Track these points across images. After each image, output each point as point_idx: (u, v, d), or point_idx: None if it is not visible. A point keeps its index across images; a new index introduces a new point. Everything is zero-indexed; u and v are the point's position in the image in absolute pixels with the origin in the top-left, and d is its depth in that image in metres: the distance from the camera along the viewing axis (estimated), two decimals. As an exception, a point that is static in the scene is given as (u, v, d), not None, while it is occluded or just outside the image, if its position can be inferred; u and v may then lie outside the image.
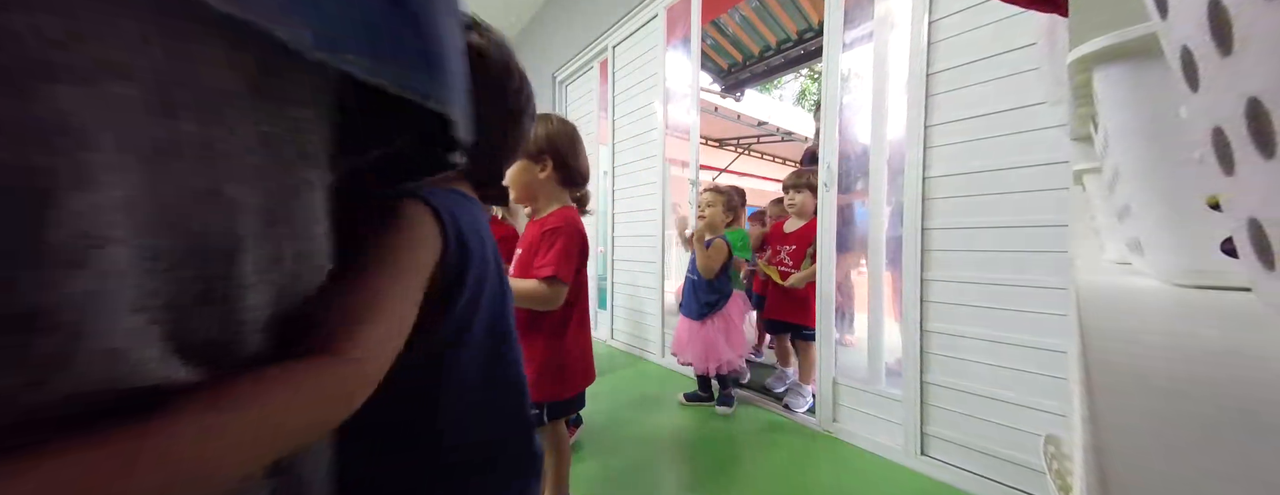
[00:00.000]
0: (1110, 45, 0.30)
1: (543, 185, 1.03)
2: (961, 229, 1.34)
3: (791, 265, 2.01)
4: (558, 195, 1.06)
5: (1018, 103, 1.22)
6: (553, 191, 1.05)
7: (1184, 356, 0.20)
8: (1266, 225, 0.17)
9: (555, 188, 1.04)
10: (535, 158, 1.00)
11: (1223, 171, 0.19)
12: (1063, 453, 0.54)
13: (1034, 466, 1.21)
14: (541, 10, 3.94)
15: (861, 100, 1.68)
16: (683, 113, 2.56)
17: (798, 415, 1.85)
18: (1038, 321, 1.19)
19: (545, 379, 1.01)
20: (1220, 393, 0.15)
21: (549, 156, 1.00)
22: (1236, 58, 0.15)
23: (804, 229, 1.96)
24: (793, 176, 2.04)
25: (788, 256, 2.02)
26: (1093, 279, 0.38)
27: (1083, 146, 0.57)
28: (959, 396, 1.35)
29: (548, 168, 1.01)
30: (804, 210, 1.97)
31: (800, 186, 1.98)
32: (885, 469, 1.47)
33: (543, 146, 1.00)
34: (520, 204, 1.09)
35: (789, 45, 3.55)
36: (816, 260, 1.81)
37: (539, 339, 1.02)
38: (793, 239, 2.02)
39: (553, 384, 1.03)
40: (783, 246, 2.05)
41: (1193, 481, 0.11)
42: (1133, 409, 0.15)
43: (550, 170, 1.01)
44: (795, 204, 2.01)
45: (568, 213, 1.03)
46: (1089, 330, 0.23)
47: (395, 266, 0.32)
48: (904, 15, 1.49)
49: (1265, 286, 0.19)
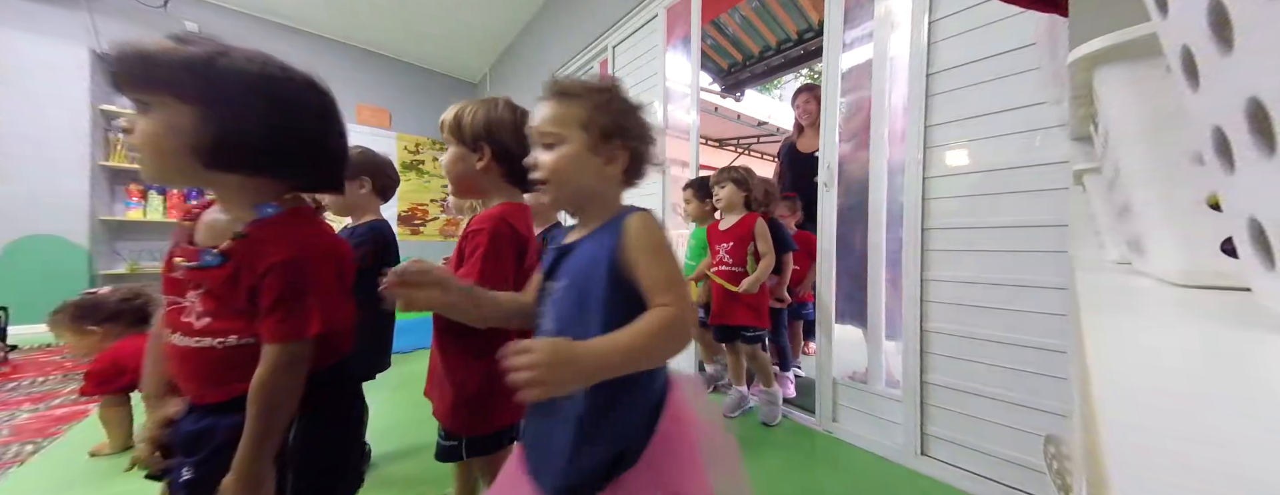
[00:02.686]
0: (1110, 45, 0.30)
1: (482, 177, 0.89)
2: (961, 229, 1.34)
3: (732, 263, 1.84)
4: (502, 189, 0.91)
5: (1018, 103, 1.22)
6: (497, 185, 0.90)
7: (1184, 357, 0.19)
8: (1266, 225, 0.17)
9: (499, 181, 0.90)
10: (471, 146, 0.87)
11: (1223, 171, 0.19)
12: (1063, 453, 0.54)
13: (1034, 466, 1.21)
14: (541, 10, 3.94)
15: (862, 100, 1.68)
16: (683, 113, 2.56)
17: (798, 415, 1.85)
18: (1038, 321, 1.19)
19: (466, 408, 0.83)
20: (1220, 393, 0.15)
21: (487, 145, 0.87)
22: (1236, 57, 0.15)
23: (738, 226, 1.84)
24: (717, 172, 1.92)
25: (727, 255, 1.86)
26: (1093, 279, 0.38)
27: (1083, 146, 0.57)
28: (959, 396, 1.35)
29: (486, 157, 0.87)
30: (732, 204, 1.86)
31: (723, 181, 1.86)
32: (885, 469, 1.47)
33: (479, 133, 0.87)
34: (460, 197, 0.97)
35: (789, 45, 3.54)
36: (761, 259, 1.76)
37: (461, 359, 0.84)
38: (729, 236, 1.86)
39: (474, 415, 0.84)
40: (721, 245, 1.87)
41: (1193, 481, 0.11)
42: (1133, 409, 0.15)
43: (489, 160, 0.87)
44: (722, 199, 1.87)
45: (503, 210, 0.86)
46: (1089, 330, 0.23)
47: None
48: (904, 15, 1.49)
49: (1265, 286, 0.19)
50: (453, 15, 4.07)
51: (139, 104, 0.56)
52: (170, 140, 0.56)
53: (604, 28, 3.03)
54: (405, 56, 4.88)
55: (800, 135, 2.42)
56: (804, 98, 2.36)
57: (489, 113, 0.88)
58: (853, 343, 1.75)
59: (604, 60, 3.15)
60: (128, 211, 3.52)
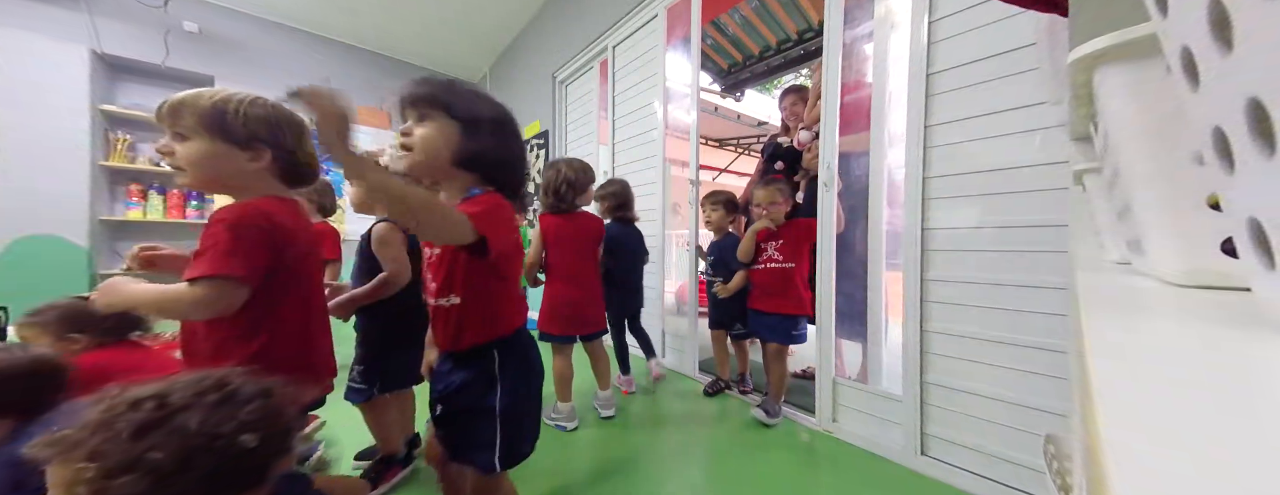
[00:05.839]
0: (1110, 45, 0.30)
1: (249, 176, 0.84)
2: (961, 229, 1.34)
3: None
4: (271, 187, 0.88)
5: (1018, 103, 1.22)
6: (268, 184, 0.87)
7: (1184, 357, 0.19)
8: (1266, 225, 0.17)
9: (269, 181, 0.87)
10: (241, 143, 0.82)
11: (1223, 171, 0.19)
12: (1063, 453, 0.54)
13: (1034, 466, 1.21)
14: (541, 10, 3.94)
15: (862, 100, 1.68)
16: (683, 113, 2.56)
17: (798, 415, 1.85)
18: (1038, 321, 1.19)
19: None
20: (1220, 392, 0.15)
21: (265, 145, 0.83)
22: (1236, 57, 0.15)
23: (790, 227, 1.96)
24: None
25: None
26: (1093, 279, 0.38)
27: (1083, 146, 0.57)
28: (959, 396, 1.35)
29: (265, 159, 0.84)
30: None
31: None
32: (885, 469, 1.47)
33: (256, 132, 0.82)
34: (205, 191, 0.87)
35: (789, 45, 3.54)
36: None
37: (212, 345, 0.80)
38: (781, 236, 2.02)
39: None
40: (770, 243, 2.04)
41: (1193, 482, 0.11)
42: (1133, 409, 0.15)
43: (267, 161, 0.84)
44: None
45: (258, 203, 0.82)
46: (1089, 330, 0.23)
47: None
48: (904, 15, 1.49)
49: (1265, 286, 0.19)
50: (453, 15, 4.07)
51: (419, 116, 0.80)
52: (438, 143, 0.80)
53: (604, 28, 3.03)
54: (405, 56, 4.88)
55: (786, 134, 2.45)
56: (790, 99, 2.40)
57: (267, 109, 0.84)
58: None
59: (604, 60, 3.15)
60: (128, 211, 3.51)
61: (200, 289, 0.72)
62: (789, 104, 2.41)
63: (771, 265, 1.86)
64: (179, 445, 0.39)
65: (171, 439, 0.39)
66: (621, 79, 2.98)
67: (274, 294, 0.81)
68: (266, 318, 0.81)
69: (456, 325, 0.83)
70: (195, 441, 0.40)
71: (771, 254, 1.86)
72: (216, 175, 0.83)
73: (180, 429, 0.40)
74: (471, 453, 0.85)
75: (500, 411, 0.84)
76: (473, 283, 0.82)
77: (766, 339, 1.86)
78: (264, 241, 0.78)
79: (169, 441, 0.39)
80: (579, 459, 1.54)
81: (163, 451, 0.38)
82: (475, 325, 0.84)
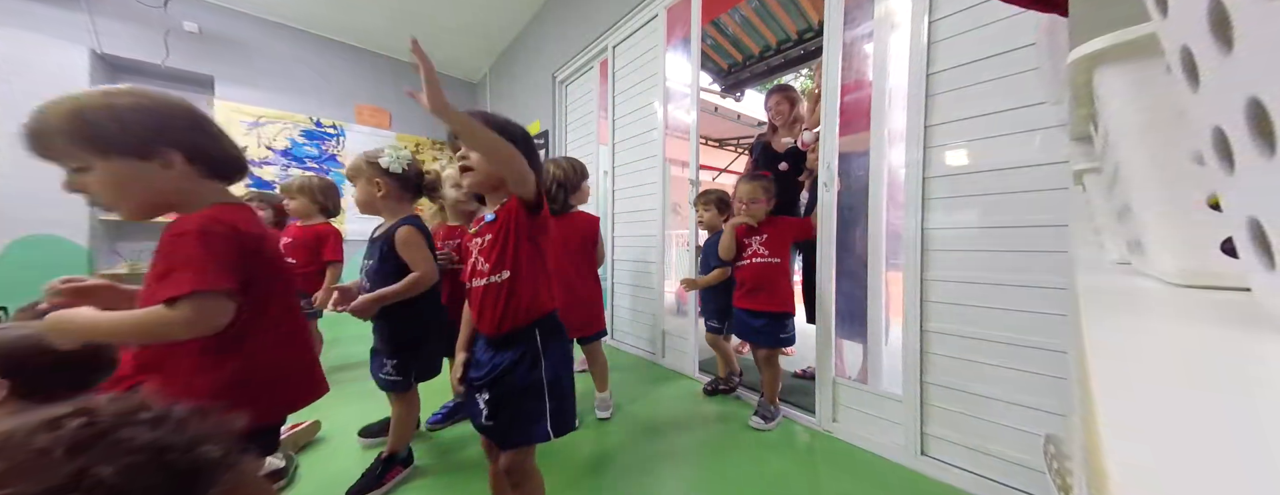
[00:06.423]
0: (1110, 45, 0.30)
1: (177, 186, 0.75)
2: (961, 229, 1.34)
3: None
4: (211, 191, 0.80)
5: (1018, 103, 1.22)
6: (204, 188, 0.79)
7: (1184, 357, 0.19)
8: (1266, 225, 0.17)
9: (202, 183, 0.78)
10: (141, 154, 0.71)
11: (1223, 171, 0.19)
12: (1063, 453, 0.53)
13: (1034, 466, 1.21)
14: (541, 10, 3.94)
15: (861, 99, 1.68)
16: (683, 113, 2.56)
17: (798, 415, 1.85)
18: (1038, 321, 1.19)
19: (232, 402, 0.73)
20: (1220, 393, 0.15)
21: (172, 149, 0.73)
22: (1236, 57, 0.15)
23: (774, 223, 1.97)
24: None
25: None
26: (1093, 279, 0.38)
27: (1083, 146, 0.57)
28: (959, 396, 1.35)
29: (177, 162, 0.74)
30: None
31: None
32: (885, 469, 1.47)
33: (144, 135, 0.71)
34: (144, 218, 0.75)
35: (789, 45, 3.54)
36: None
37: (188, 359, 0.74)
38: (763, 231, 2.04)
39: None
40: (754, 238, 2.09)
41: (1192, 481, 0.11)
42: (1133, 409, 0.15)
43: (181, 164, 0.74)
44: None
45: (214, 212, 0.75)
46: (1089, 330, 0.23)
47: None
48: (904, 15, 1.49)
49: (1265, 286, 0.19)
50: (453, 15, 4.07)
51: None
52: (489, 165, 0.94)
53: (604, 28, 3.03)
54: (405, 56, 4.87)
55: (774, 133, 2.46)
56: (775, 99, 2.42)
57: (140, 101, 0.70)
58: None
59: (604, 60, 3.15)
60: (128, 211, 3.52)
61: (185, 309, 0.66)
62: (774, 104, 2.43)
63: (757, 260, 1.84)
64: (128, 461, 0.36)
65: (116, 454, 0.36)
66: (621, 79, 2.98)
67: (258, 303, 0.77)
68: (253, 328, 0.76)
69: (506, 300, 0.92)
70: (142, 456, 0.37)
71: (757, 249, 1.85)
72: (145, 197, 0.72)
73: (125, 443, 0.37)
74: (526, 430, 0.92)
75: (547, 382, 0.93)
76: (520, 259, 0.93)
77: (756, 344, 1.85)
78: (236, 249, 0.73)
79: (113, 456, 0.36)
80: (579, 459, 1.54)
81: (110, 466, 0.35)
82: (525, 297, 0.93)
